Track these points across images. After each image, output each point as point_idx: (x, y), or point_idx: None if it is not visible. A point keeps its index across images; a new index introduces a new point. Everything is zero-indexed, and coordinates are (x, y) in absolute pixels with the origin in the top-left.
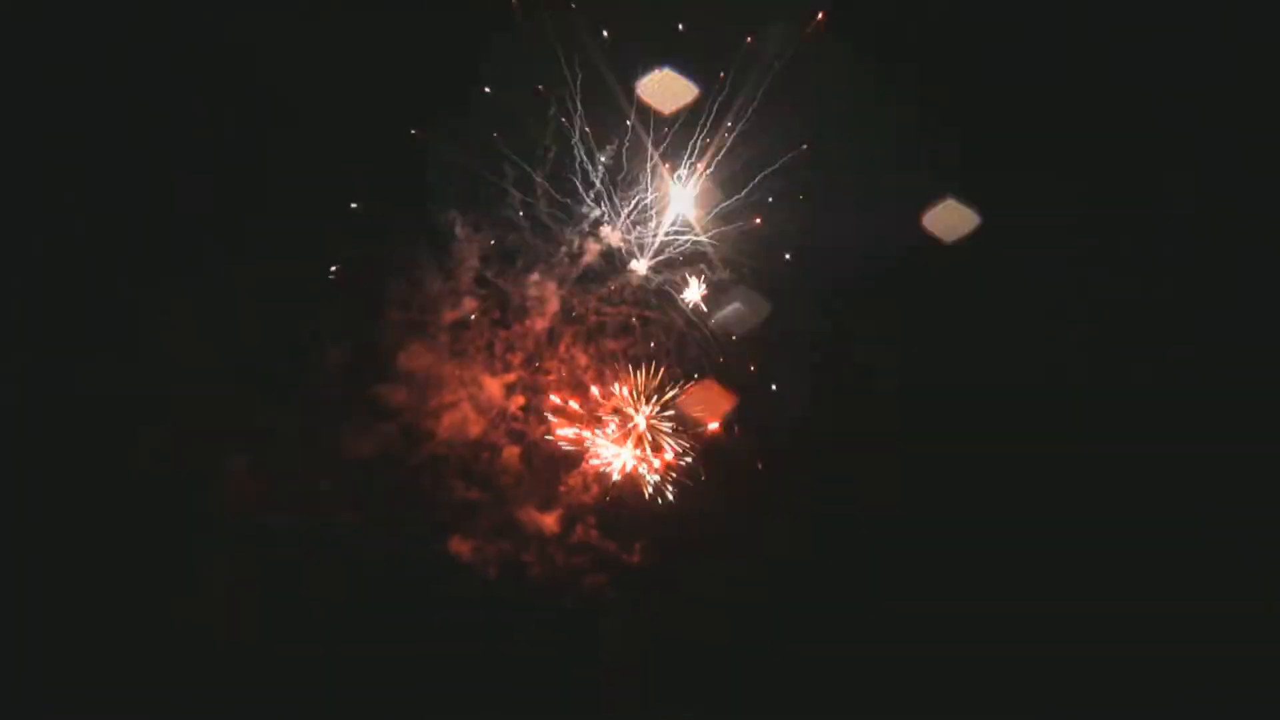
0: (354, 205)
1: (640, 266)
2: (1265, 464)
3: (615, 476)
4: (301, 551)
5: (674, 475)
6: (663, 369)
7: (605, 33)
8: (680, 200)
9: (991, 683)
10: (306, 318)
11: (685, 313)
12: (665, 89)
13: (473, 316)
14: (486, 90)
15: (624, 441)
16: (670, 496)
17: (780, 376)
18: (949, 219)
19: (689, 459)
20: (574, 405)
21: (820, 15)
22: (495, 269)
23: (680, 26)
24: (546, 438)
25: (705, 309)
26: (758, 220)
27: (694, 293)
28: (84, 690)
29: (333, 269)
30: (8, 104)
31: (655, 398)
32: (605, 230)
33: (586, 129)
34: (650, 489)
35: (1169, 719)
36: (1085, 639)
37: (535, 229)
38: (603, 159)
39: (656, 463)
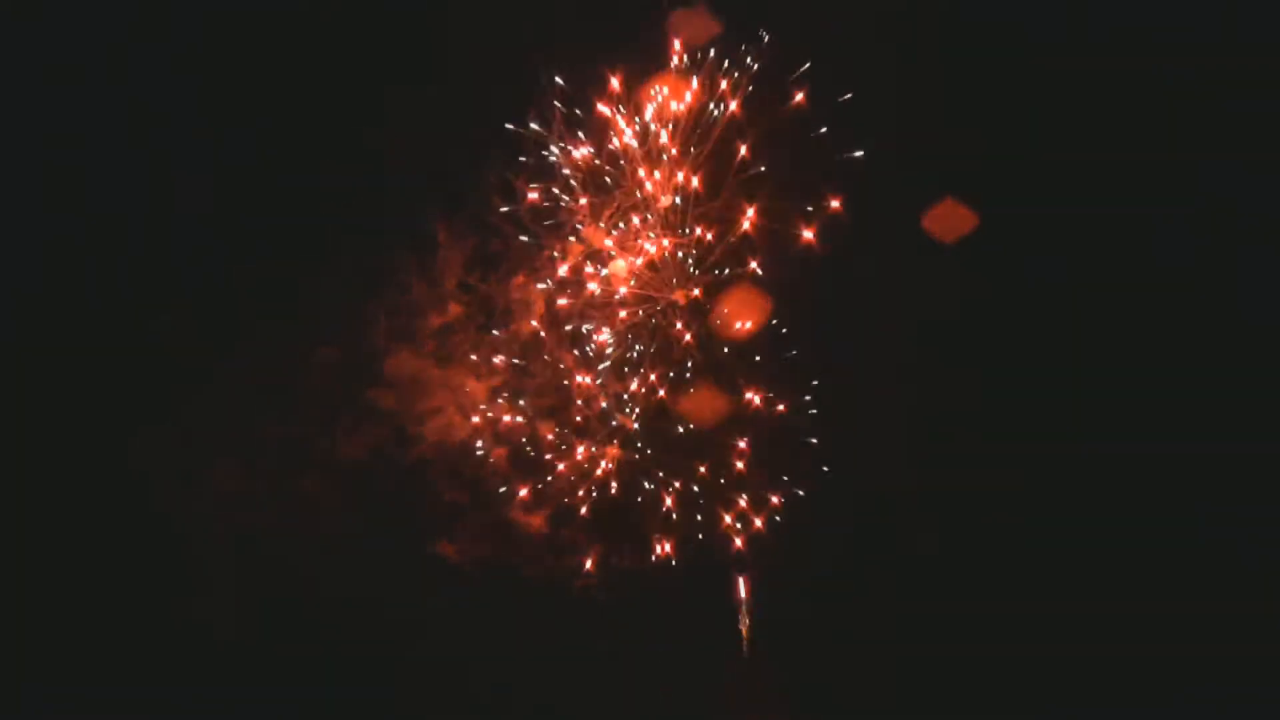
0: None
1: (620, 269)
2: (1265, 464)
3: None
4: (297, 553)
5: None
6: (653, 373)
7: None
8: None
9: (991, 683)
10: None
11: (675, 315)
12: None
13: (457, 321)
14: (468, 92)
15: (611, 445)
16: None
17: (781, 377)
18: (948, 219)
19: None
20: (559, 409)
21: None
22: (479, 273)
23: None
24: (528, 440)
25: (698, 311)
26: (808, 236)
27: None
28: (84, 690)
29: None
30: (8, 104)
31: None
32: (588, 232)
33: (565, 129)
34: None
35: (1169, 719)
36: (1085, 639)
37: (520, 232)
38: (581, 154)
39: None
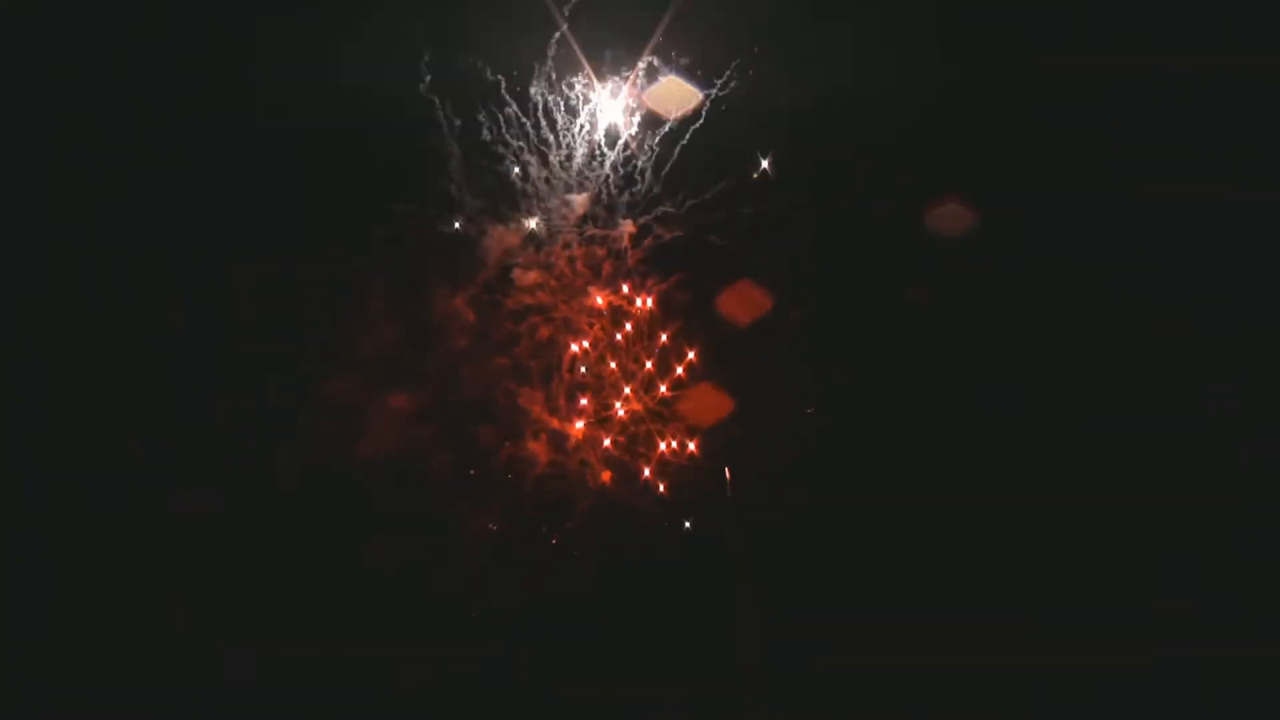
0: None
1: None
2: (1265, 463)
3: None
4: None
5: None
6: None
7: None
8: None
9: (987, 685)
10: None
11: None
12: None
13: (387, 338)
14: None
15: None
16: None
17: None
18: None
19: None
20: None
21: None
22: (406, 289)
23: None
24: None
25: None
26: None
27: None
28: (84, 690)
29: None
30: (8, 104)
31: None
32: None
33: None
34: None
35: (1168, 719)
36: (1084, 639)
37: (447, 244)
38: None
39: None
